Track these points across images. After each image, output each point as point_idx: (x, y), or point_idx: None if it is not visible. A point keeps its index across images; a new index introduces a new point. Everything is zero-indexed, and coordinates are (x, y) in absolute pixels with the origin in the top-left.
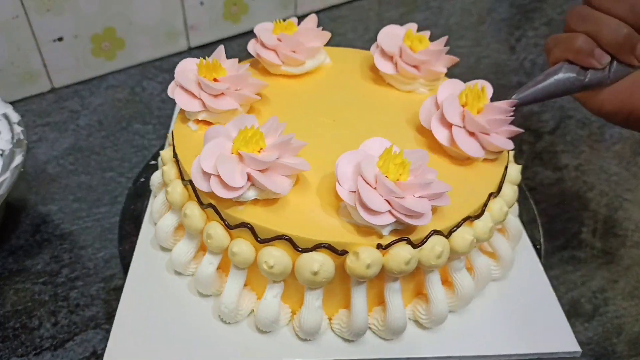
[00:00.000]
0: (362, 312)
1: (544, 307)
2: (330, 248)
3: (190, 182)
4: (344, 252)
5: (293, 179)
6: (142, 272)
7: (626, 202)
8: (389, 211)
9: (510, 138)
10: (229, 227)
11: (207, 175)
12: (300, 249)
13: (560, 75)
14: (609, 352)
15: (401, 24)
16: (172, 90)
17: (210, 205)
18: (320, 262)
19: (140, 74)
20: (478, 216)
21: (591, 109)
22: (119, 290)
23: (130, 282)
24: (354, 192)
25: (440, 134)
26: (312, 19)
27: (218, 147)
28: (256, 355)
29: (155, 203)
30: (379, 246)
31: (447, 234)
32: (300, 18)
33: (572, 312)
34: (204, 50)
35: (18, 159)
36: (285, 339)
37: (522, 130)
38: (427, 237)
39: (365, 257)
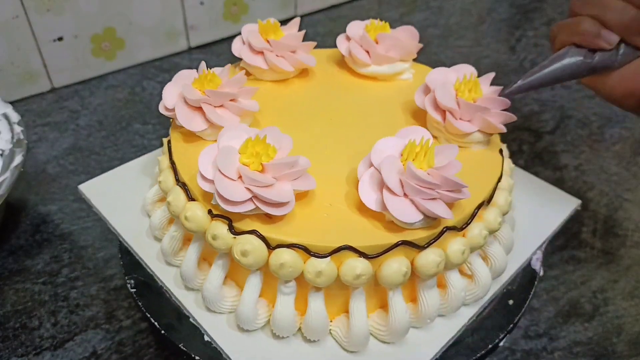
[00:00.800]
0: (190, 265)
1: None
2: (192, 199)
3: None
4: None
5: (212, 128)
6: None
7: (626, 202)
8: (212, 182)
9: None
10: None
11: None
12: (190, 196)
13: (567, 59)
14: (609, 352)
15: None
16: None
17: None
18: (185, 207)
19: (140, 74)
20: (319, 256)
21: (601, 95)
22: (119, 290)
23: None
24: None
25: (364, 173)
26: (410, 30)
27: (189, 76)
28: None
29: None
30: (209, 212)
31: (274, 246)
32: (301, 18)
33: (572, 312)
34: (204, 50)
35: (18, 159)
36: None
37: (445, 216)
38: (245, 232)
39: (188, 210)
